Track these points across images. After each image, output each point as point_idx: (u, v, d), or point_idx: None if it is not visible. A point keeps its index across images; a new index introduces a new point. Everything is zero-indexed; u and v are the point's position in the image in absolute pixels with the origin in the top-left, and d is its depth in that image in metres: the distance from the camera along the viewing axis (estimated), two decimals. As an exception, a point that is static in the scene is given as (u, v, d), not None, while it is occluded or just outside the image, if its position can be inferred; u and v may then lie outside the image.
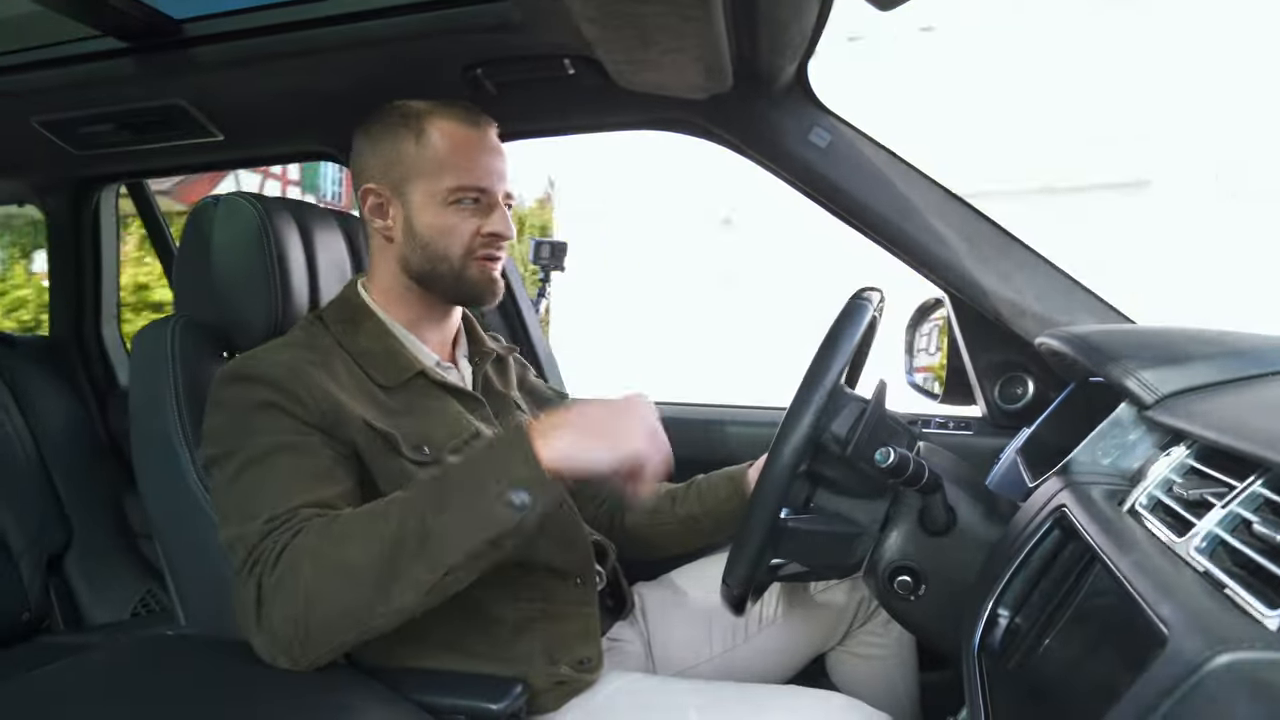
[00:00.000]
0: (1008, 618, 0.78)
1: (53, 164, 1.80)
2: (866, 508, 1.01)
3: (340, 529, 0.85)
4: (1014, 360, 1.37)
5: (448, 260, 1.07)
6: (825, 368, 0.92)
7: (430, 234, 1.07)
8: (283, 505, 0.88)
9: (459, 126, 1.07)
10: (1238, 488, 0.59)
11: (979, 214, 1.31)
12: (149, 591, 2.03)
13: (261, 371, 0.97)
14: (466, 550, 0.83)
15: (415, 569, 0.83)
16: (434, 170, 1.06)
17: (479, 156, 1.07)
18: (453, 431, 1.05)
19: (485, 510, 0.83)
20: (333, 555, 0.83)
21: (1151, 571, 0.58)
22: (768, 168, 1.38)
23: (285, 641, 0.84)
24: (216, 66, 1.29)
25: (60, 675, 0.88)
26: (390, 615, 0.84)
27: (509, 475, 0.84)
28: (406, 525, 0.84)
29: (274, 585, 0.83)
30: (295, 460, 0.92)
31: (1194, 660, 0.45)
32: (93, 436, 2.12)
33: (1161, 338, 0.95)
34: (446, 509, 0.84)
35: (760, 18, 1.08)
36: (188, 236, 1.18)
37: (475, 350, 1.21)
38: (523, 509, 0.83)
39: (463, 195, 1.06)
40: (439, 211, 1.06)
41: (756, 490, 0.95)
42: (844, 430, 0.98)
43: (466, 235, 1.07)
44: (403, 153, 1.07)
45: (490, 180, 1.08)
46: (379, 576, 0.83)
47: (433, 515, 0.84)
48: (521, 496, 0.83)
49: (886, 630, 1.28)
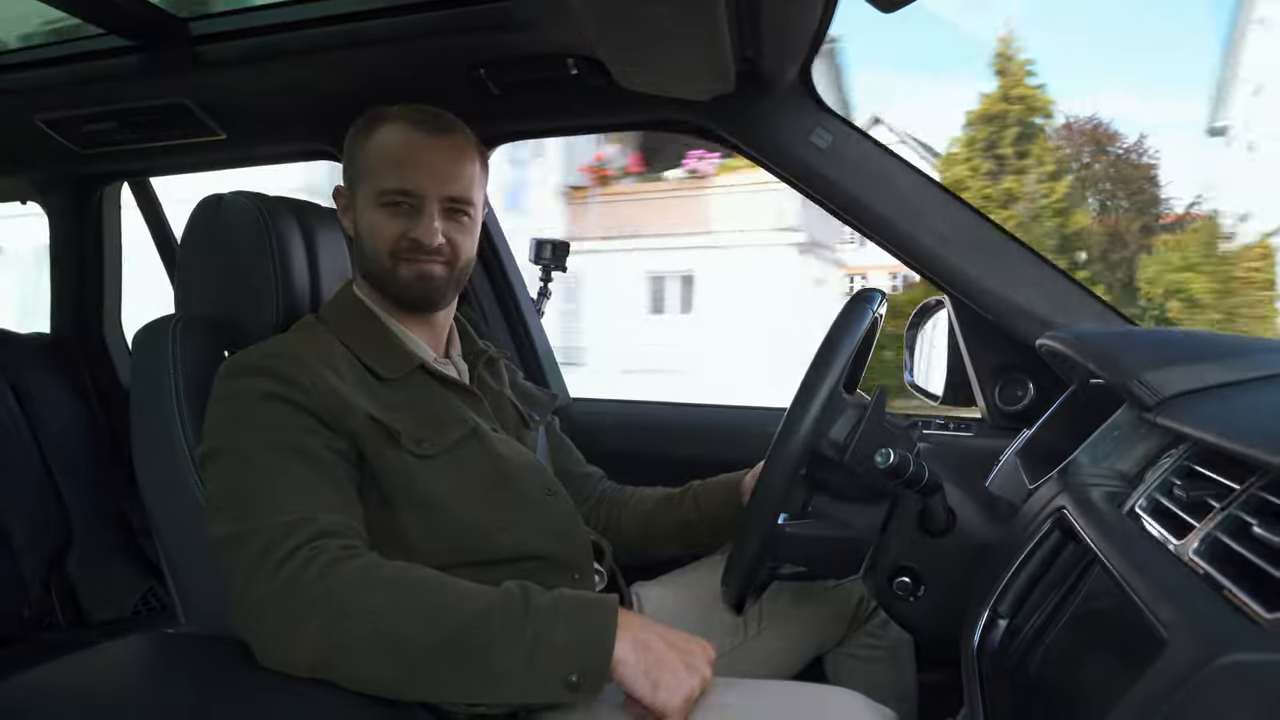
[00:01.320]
0: (1007, 619, 0.78)
1: (56, 162, 1.80)
2: (864, 512, 1.01)
3: (404, 592, 0.84)
4: (1014, 362, 1.37)
5: (379, 261, 1.08)
6: (823, 374, 0.91)
7: (365, 234, 1.08)
8: (297, 506, 0.87)
9: (403, 128, 1.06)
10: (1237, 490, 0.59)
11: (980, 215, 1.31)
12: (150, 589, 2.03)
13: (261, 363, 0.97)
14: (499, 700, 0.82)
15: (455, 679, 0.81)
16: (371, 171, 1.07)
17: (413, 159, 1.06)
18: (452, 425, 1.05)
19: (545, 678, 0.80)
20: (388, 618, 0.82)
21: (1151, 574, 0.58)
22: (769, 168, 1.38)
23: (294, 653, 0.82)
24: (220, 65, 1.29)
25: (61, 673, 0.88)
26: (412, 695, 0.83)
27: (582, 652, 0.81)
28: (468, 636, 0.81)
29: (309, 599, 0.82)
30: (301, 459, 0.92)
31: (1193, 662, 0.45)
32: (94, 434, 2.12)
33: (1162, 340, 0.95)
34: (516, 648, 0.81)
35: (763, 19, 1.08)
36: (189, 235, 1.18)
37: (468, 350, 1.22)
38: (574, 689, 0.81)
39: (389, 198, 1.06)
40: (373, 212, 1.07)
41: (754, 496, 0.95)
42: (841, 436, 0.98)
43: (391, 237, 1.06)
44: (355, 154, 1.09)
45: (419, 183, 1.05)
46: (420, 663, 0.81)
47: (500, 645, 0.81)
48: (577, 679, 0.81)
49: (885, 631, 1.28)
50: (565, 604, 0.85)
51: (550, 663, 0.80)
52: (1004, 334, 1.32)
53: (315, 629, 0.81)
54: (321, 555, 0.84)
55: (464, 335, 1.23)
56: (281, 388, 0.95)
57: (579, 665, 0.81)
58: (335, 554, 0.84)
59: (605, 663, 0.81)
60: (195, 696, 0.86)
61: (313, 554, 0.84)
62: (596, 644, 0.82)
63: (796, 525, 1.03)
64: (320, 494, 0.91)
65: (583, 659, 0.81)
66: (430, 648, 0.81)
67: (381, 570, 0.85)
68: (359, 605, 0.82)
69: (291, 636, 0.82)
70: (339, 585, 0.82)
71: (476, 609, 0.83)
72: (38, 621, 1.86)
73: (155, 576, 2.03)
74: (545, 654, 0.80)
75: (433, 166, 1.06)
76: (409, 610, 0.82)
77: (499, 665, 0.80)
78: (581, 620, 0.83)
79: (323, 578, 0.82)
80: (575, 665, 0.80)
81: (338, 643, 0.81)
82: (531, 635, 0.81)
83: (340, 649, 0.81)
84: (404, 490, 0.99)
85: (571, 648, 0.81)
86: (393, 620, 0.81)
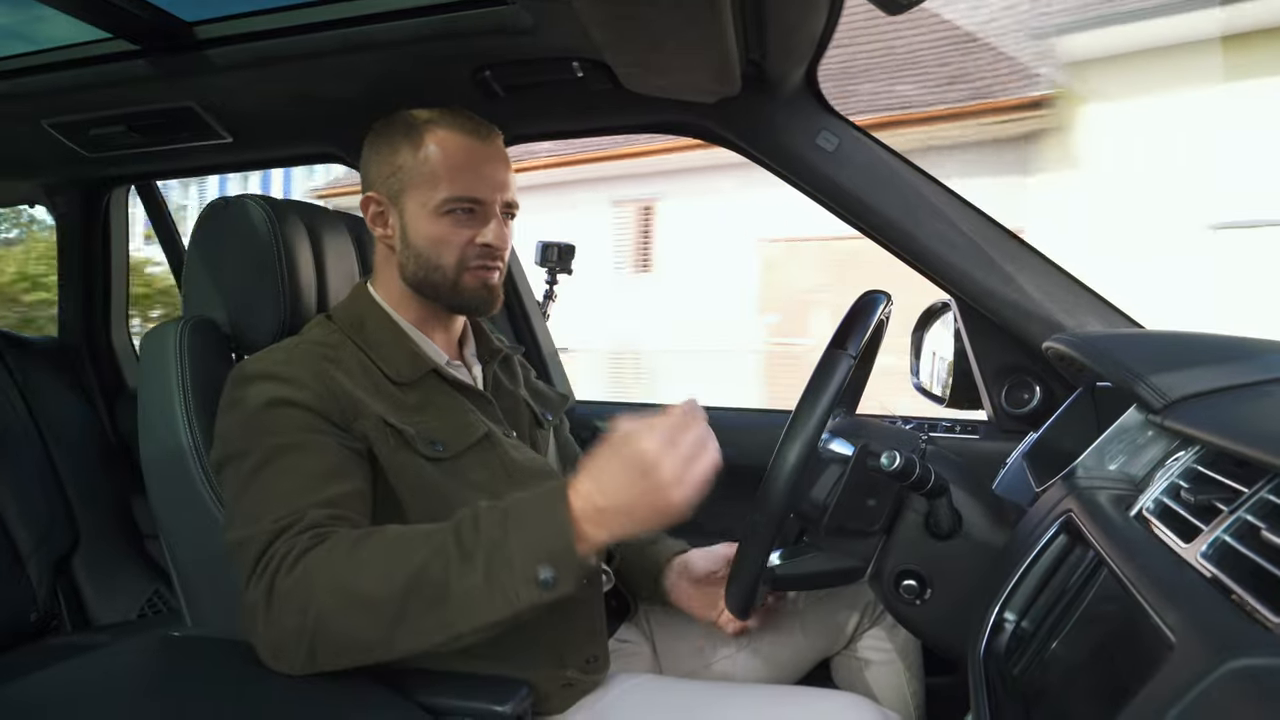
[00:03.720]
0: (1014, 623, 0.78)
1: (63, 166, 1.81)
2: (858, 545, 1.01)
3: (363, 553, 0.84)
4: (1021, 364, 1.36)
5: (441, 270, 1.07)
6: (799, 431, 0.88)
7: (424, 244, 1.07)
8: (290, 506, 0.88)
9: (456, 136, 1.07)
10: (1246, 494, 0.59)
11: (986, 218, 1.30)
12: (156, 592, 2.03)
13: (271, 368, 0.98)
14: (480, 622, 0.81)
15: (426, 621, 0.81)
16: (428, 181, 1.06)
17: (474, 166, 1.07)
18: (465, 429, 1.06)
19: (507, 583, 0.79)
20: (349, 580, 0.82)
21: (1158, 577, 0.57)
22: (775, 171, 1.38)
23: (288, 650, 0.84)
24: (227, 69, 1.29)
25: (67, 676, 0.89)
26: (397, 654, 0.83)
27: (538, 546, 0.80)
28: (428, 572, 0.81)
29: (286, 593, 0.83)
30: (303, 460, 0.92)
31: (1200, 667, 0.45)
32: (101, 437, 2.12)
33: (1170, 342, 0.94)
34: (469, 568, 0.80)
35: (769, 21, 1.08)
36: (197, 238, 1.19)
37: (484, 350, 1.22)
38: (547, 586, 0.79)
39: (455, 206, 1.06)
40: (433, 222, 1.06)
41: (742, 546, 0.95)
42: (821, 496, 0.99)
43: (459, 246, 1.07)
44: (401, 163, 1.07)
45: (484, 190, 1.07)
46: (391, 617, 0.81)
47: (457, 573, 0.80)
48: (548, 573, 0.79)
49: (892, 634, 1.28)
50: (514, 510, 0.83)
51: (511, 574, 0.80)
52: (1010, 336, 1.31)
53: (296, 619, 0.82)
54: (295, 549, 0.85)
55: (479, 335, 1.23)
56: (290, 392, 0.95)
57: (545, 563, 0.79)
58: (306, 544, 0.85)
59: (570, 552, 0.80)
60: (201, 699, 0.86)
61: (288, 548, 0.85)
62: (553, 537, 0.80)
63: (789, 565, 1.03)
64: (316, 485, 0.91)
65: (547, 555, 0.80)
66: (396, 598, 0.81)
67: (342, 541, 0.85)
68: (326, 580, 0.82)
69: (280, 634, 0.83)
70: (309, 572, 0.83)
71: (431, 547, 0.83)
72: (44, 624, 1.86)
73: (162, 579, 2.04)
74: (503, 568, 0.80)
75: (494, 172, 1.08)
76: (369, 569, 0.82)
77: (461, 591, 0.80)
78: (532, 521, 0.82)
79: (295, 570, 0.83)
80: (539, 565, 0.79)
81: (316, 620, 0.82)
82: (484, 555, 0.80)
83: (320, 627, 0.82)
84: (414, 491, 0.99)
85: (529, 550, 0.80)
86: (356, 582, 0.82)
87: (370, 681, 0.90)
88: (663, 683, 1.09)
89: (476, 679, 0.97)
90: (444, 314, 1.14)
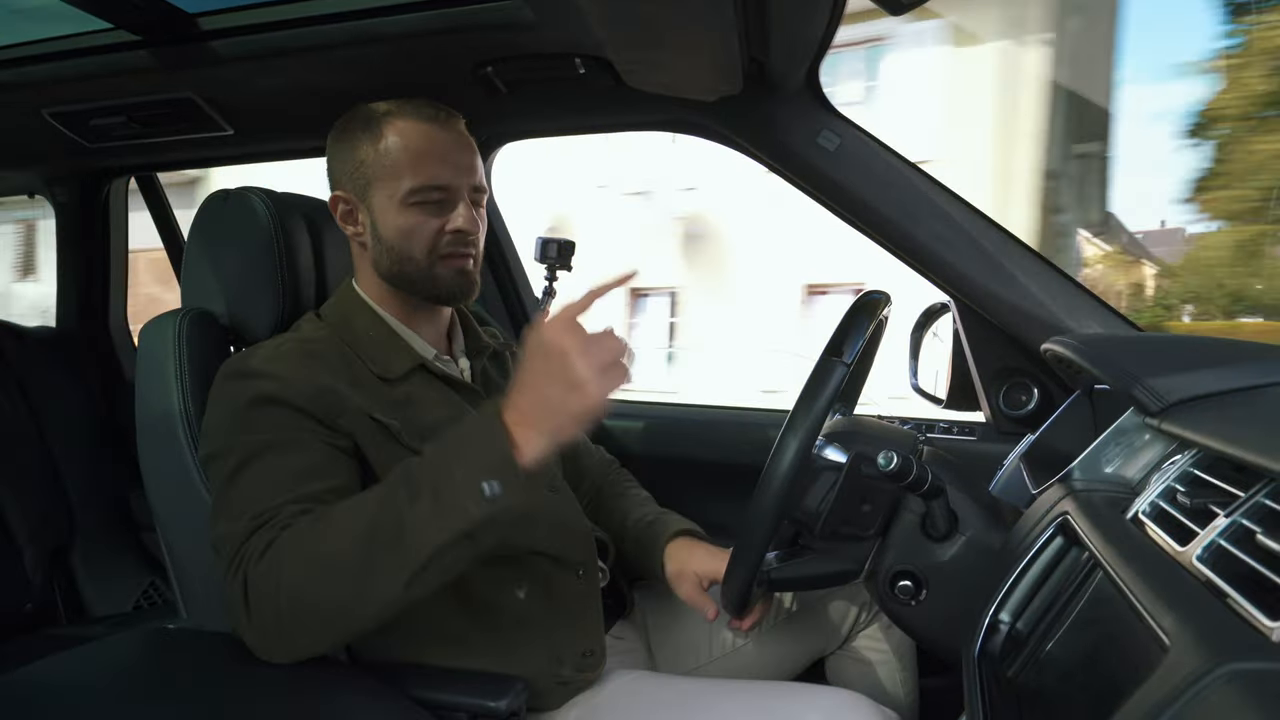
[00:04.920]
0: (1009, 624, 0.78)
1: (63, 156, 1.81)
2: (853, 548, 1.01)
3: (322, 524, 0.85)
4: (1019, 366, 1.36)
5: (414, 261, 1.06)
6: (790, 442, 0.88)
7: (395, 237, 1.06)
8: (268, 503, 0.88)
9: (416, 124, 1.06)
10: (1242, 497, 0.59)
11: (986, 219, 1.30)
12: (152, 584, 2.04)
13: (256, 366, 0.98)
14: (437, 544, 0.80)
15: (390, 561, 0.81)
16: (391, 173, 1.05)
17: (437, 153, 1.05)
18: (452, 424, 1.05)
19: (454, 502, 0.79)
20: (312, 548, 0.83)
21: (1153, 580, 0.57)
22: (776, 170, 1.37)
23: (272, 636, 0.84)
24: (228, 61, 1.29)
25: (62, 667, 0.89)
26: (373, 608, 0.83)
27: (478, 463, 0.80)
28: (382, 516, 0.82)
29: (258, 580, 0.83)
30: (285, 458, 0.92)
31: (1195, 670, 0.45)
32: (98, 429, 2.12)
33: (1168, 346, 0.94)
34: (418, 499, 0.81)
35: (771, 20, 1.08)
36: (197, 230, 1.18)
37: (472, 345, 1.21)
38: (493, 499, 0.79)
39: (422, 195, 1.05)
40: (401, 213, 1.05)
41: (736, 551, 0.95)
42: (815, 503, 0.99)
43: (430, 235, 1.06)
44: (363, 158, 1.06)
45: (449, 176, 1.06)
46: (356, 569, 0.81)
47: (406, 506, 0.81)
48: (493, 486, 0.79)
49: (887, 634, 1.28)
50: (453, 439, 0.83)
51: (455, 492, 0.79)
52: (1009, 338, 1.31)
53: (271, 603, 0.83)
54: (265, 540, 0.85)
55: (468, 329, 1.23)
56: (276, 388, 0.95)
57: (488, 476, 0.79)
58: (274, 535, 0.85)
59: (509, 463, 0.79)
60: (196, 692, 0.86)
61: (261, 541, 0.85)
62: (491, 451, 0.80)
63: (784, 567, 1.03)
64: (295, 483, 0.91)
65: (488, 469, 0.79)
66: (360, 549, 0.81)
67: (305, 522, 0.86)
68: (292, 557, 0.83)
69: (261, 622, 0.84)
70: (277, 555, 0.84)
71: (382, 495, 0.84)
72: (40, 615, 1.87)
73: (158, 571, 2.04)
74: (449, 490, 0.80)
75: (457, 158, 1.07)
76: (330, 534, 0.83)
77: (414, 522, 0.80)
78: (470, 442, 0.82)
79: (265, 558, 0.84)
80: (482, 479, 0.79)
81: (290, 598, 0.82)
82: (430, 484, 0.81)
83: (293, 604, 0.82)
84: None
85: (470, 468, 0.80)
86: (319, 548, 0.83)
87: (366, 676, 0.90)
88: (658, 679, 1.09)
89: (472, 675, 0.97)
90: (427, 307, 1.13)
